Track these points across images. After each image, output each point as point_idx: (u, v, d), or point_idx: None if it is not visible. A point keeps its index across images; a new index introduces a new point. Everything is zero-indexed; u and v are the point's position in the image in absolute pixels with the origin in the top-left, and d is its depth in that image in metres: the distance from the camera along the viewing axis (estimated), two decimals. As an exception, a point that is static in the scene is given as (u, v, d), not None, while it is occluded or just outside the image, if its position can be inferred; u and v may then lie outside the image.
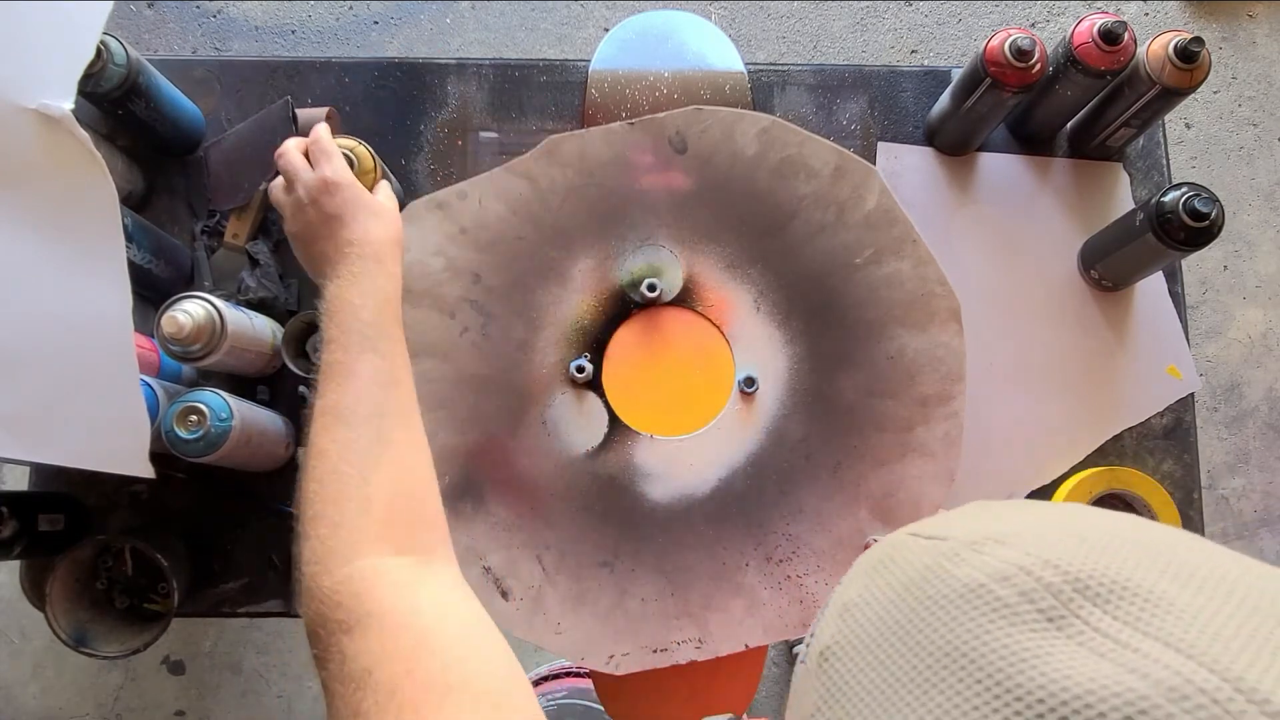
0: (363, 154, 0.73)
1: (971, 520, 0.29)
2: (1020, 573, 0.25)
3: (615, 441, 0.79)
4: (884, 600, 0.28)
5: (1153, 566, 0.25)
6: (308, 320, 0.82)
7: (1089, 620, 0.24)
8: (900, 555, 0.29)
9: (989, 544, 0.27)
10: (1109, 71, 0.77)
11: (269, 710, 1.54)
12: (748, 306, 0.82)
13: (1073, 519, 0.28)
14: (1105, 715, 0.21)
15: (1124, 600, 0.24)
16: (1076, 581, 0.24)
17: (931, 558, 0.28)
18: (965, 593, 0.26)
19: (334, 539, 0.47)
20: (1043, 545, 0.26)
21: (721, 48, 0.90)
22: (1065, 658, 0.23)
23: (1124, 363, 0.86)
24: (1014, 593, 0.25)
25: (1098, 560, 0.25)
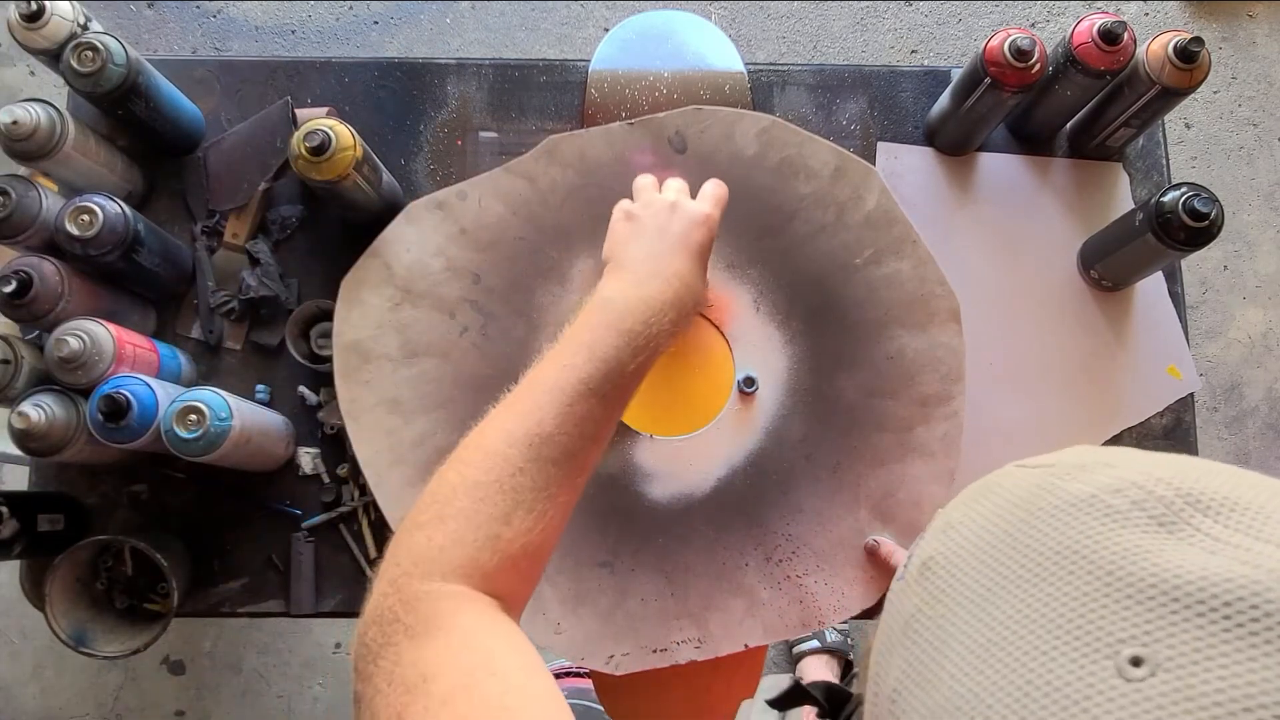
0: (341, 131, 0.73)
1: (1078, 452, 0.31)
2: (1132, 486, 0.26)
3: (615, 441, 0.79)
4: (990, 516, 0.29)
5: (1258, 489, 0.26)
6: (317, 308, 0.82)
7: (1199, 526, 0.25)
8: (1007, 480, 0.31)
9: (1099, 466, 0.28)
10: (1109, 71, 0.77)
11: (269, 710, 1.53)
12: (748, 307, 0.82)
13: (1178, 456, 0.29)
14: (1217, 597, 0.22)
15: (1234, 512, 0.25)
16: (1188, 495, 0.26)
17: (1040, 477, 0.29)
18: (1076, 502, 0.27)
19: (446, 553, 0.45)
20: (1153, 466, 0.27)
21: (721, 48, 0.90)
22: (1178, 554, 0.24)
23: (1124, 363, 0.86)
24: (1125, 501, 0.26)
25: (1208, 481, 0.26)
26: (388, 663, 0.40)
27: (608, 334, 0.51)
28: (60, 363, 0.69)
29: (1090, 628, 0.24)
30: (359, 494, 0.82)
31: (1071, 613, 0.24)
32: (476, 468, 0.47)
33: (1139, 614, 0.23)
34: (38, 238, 0.74)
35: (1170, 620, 0.23)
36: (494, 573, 0.45)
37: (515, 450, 0.47)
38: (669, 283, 0.55)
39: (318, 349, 0.83)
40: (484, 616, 0.43)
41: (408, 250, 0.80)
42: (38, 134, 0.72)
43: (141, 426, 0.69)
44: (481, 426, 0.49)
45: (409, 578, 0.44)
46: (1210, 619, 0.22)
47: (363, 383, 0.78)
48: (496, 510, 0.46)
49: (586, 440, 0.49)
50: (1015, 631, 0.25)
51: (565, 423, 0.48)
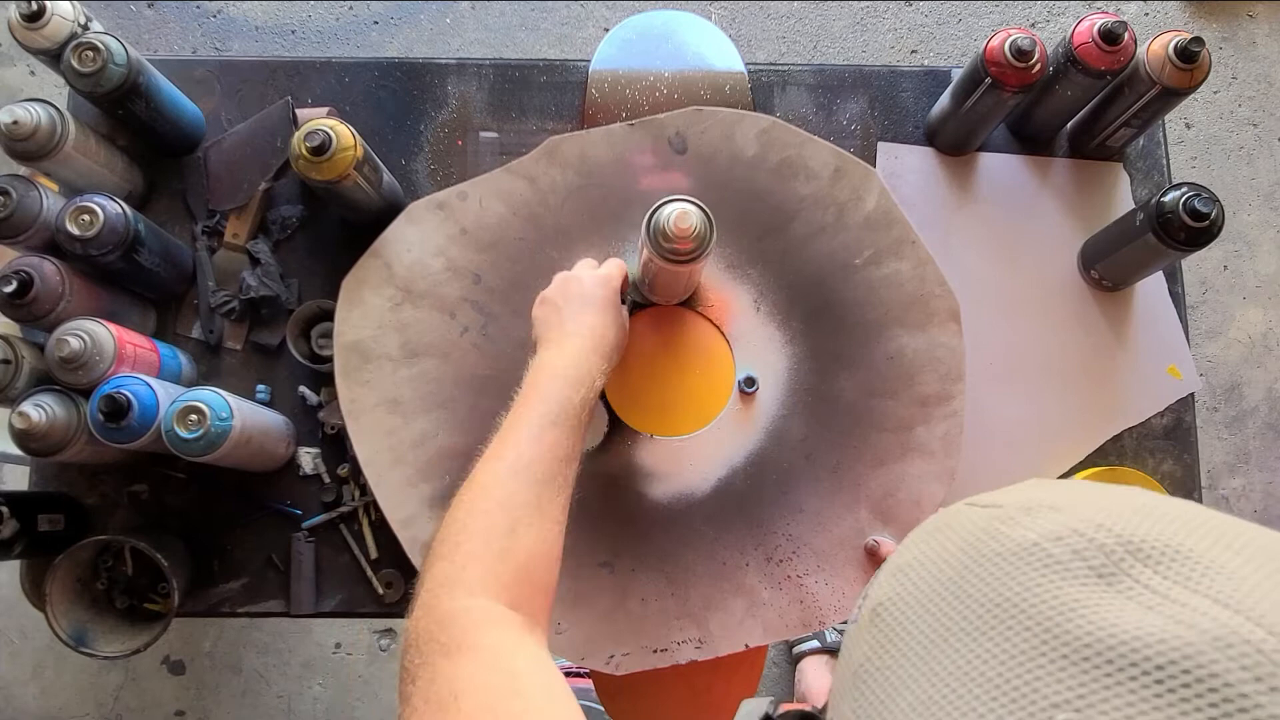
0: (342, 131, 0.73)
1: (1027, 491, 0.30)
2: (1073, 533, 0.26)
3: (616, 441, 0.79)
4: (938, 560, 0.29)
5: (1202, 534, 0.25)
6: (318, 308, 0.82)
7: (1138, 578, 0.24)
8: (956, 521, 0.30)
9: (1043, 510, 0.28)
10: (1109, 71, 0.77)
11: (269, 710, 1.53)
12: (748, 307, 0.82)
13: (1126, 493, 0.29)
14: (1150, 659, 0.22)
15: (1174, 562, 0.25)
16: (1128, 543, 0.25)
17: (986, 521, 0.29)
18: (1019, 550, 0.27)
19: (467, 571, 0.50)
20: (1096, 511, 0.27)
21: (721, 48, 0.90)
22: (1115, 609, 0.24)
23: (1124, 363, 0.86)
24: (1066, 550, 0.26)
25: (1150, 526, 0.26)
26: (424, 681, 0.43)
27: (550, 381, 0.61)
28: (61, 363, 0.69)
29: (1027, 690, 0.23)
30: (359, 494, 0.82)
31: (1010, 672, 0.24)
32: (477, 499, 0.54)
33: (1074, 676, 0.23)
34: (38, 238, 0.74)
35: (1103, 684, 0.22)
36: (511, 583, 0.50)
37: (505, 478, 0.55)
38: (583, 335, 0.65)
39: (318, 349, 0.83)
40: (510, 635, 0.47)
41: (408, 250, 0.80)
42: (38, 134, 0.72)
43: (142, 426, 0.69)
44: (473, 472, 0.56)
45: (438, 599, 0.48)
46: (1142, 683, 0.22)
47: (363, 383, 0.78)
48: (501, 527, 0.52)
49: (560, 461, 0.58)
50: (955, 690, 0.25)
51: (539, 450, 0.57)
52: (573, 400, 0.60)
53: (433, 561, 0.51)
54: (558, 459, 0.57)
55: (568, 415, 0.59)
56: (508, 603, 0.49)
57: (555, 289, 0.70)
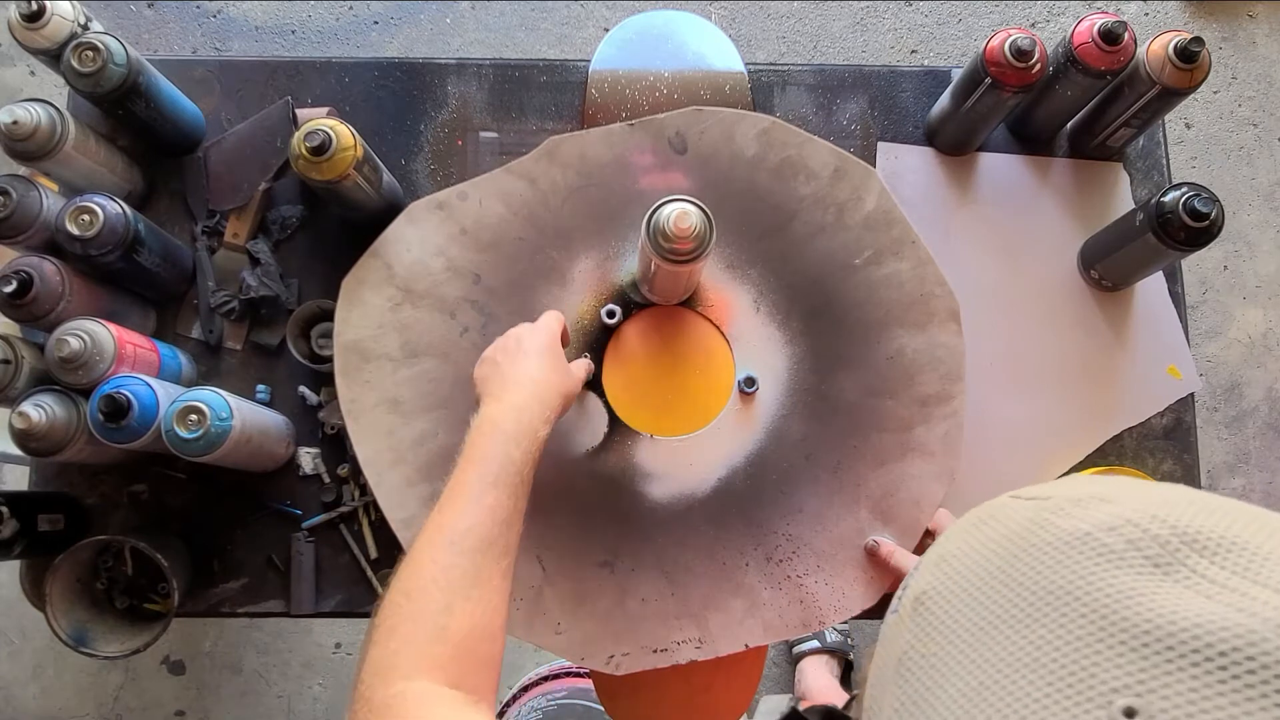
0: (342, 131, 0.73)
1: (1074, 484, 0.30)
2: (1127, 524, 0.26)
3: (615, 441, 0.79)
4: (984, 550, 0.29)
5: (1256, 526, 0.25)
6: (318, 308, 0.82)
7: (1195, 568, 0.24)
8: (1001, 512, 0.30)
9: (1094, 501, 0.28)
10: (1109, 71, 0.77)
11: (269, 710, 1.53)
12: (748, 307, 0.82)
13: (1175, 487, 0.29)
14: (1212, 645, 0.22)
15: (1230, 553, 0.24)
16: (1184, 534, 0.25)
17: (1035, 512, 0.29)
18: (1071, 539, 0.26)
19: (400, 655, 0.48)
20: (1148, 503, 0.27)
21: (721, 48, 0.90)
22: (1172, 598, 0.23)
23: (1124, 363, 0.86)
24: (1121, 540, 0.26)
25: (1204, 519, 0.26)
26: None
27: (490, 439, 0.59)
28: (61, 363, 0.69)
29: (1084, 675, 0.23)
30: (359, 494, 0.82)
31: (1065, 658, 0.24)
32: (411, 578, 0.52)
33: (1133, 662, 0.23)
34: (38, 238, 0.74)
35: (1165, 670, 0.22)
36: (449, 661, 0.49)
37: (441, 551, 0.53)
38: (523, 386, 0.63)
39: (318, 349, 0.83)
40: (451, 713, 0.46)
41: (408, 250, 0.80)
42: (38, 134, 0.72)
43: (142, 426, 0.69)
44: (411, 546, 0.55)
45: (373, 689, 0.47)
46: (1205, 669, 0.22)
47: (363, 382, 0.78)
48: (436, 605, 0.51)
49: (500, 525, 0.56)
50: (1008, 675, 0.25)
51: (477, 516, 0.55)
52: (513, 457, 0.58)
53: (368, 648, 0.50)
54: (498, 522, 0.55)
55: (508, 474, 0.57)
56: (447, 682, 0.48)
57: (493, 348, 0.69)
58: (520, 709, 0.92)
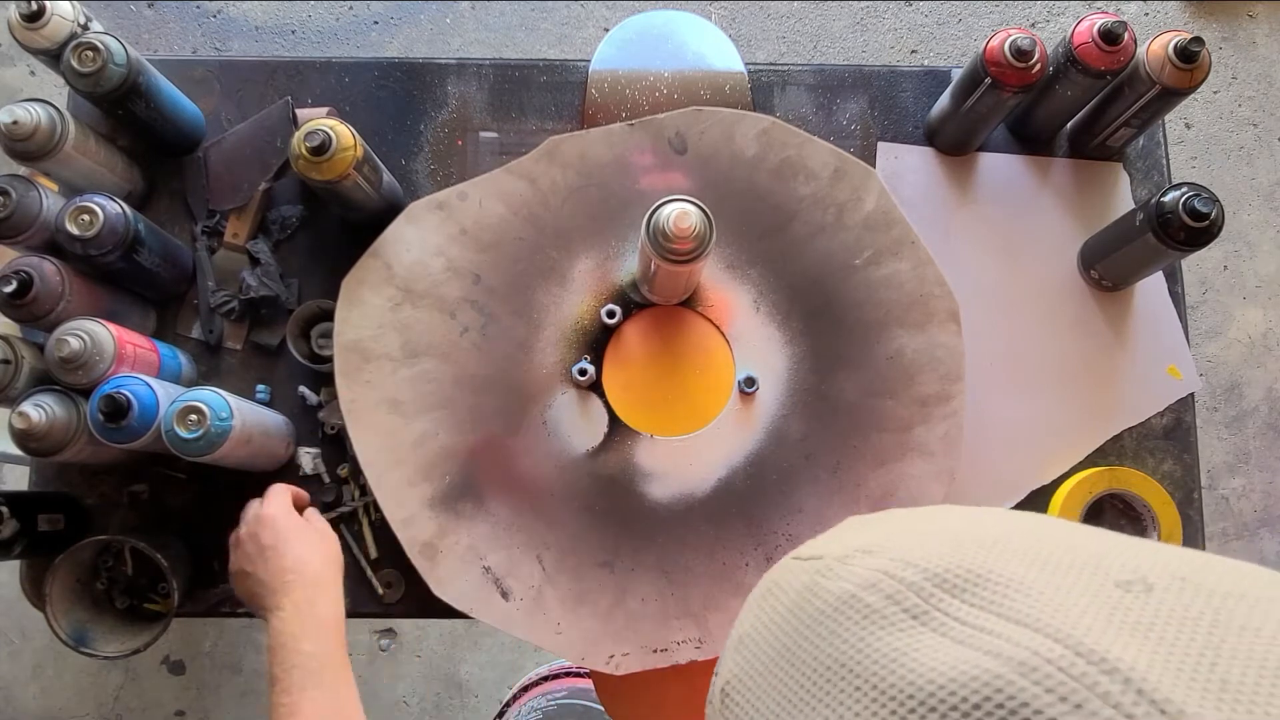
0: (342, 131, 0.73)
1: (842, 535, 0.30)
2: (885, 577, 0.26)
3: (615, 441, 0.79)
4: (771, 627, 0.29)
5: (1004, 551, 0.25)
6: (318, 308, 0.82)
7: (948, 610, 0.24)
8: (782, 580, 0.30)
9: (857, 555, 0.27)
10: (1109, 71, 0.77)
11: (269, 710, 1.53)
12: (748, 307, 0.82)
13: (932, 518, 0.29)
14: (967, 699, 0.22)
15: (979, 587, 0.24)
16: (935, 576, 0.25)
17: (808, 576, 0.28)
18: (839, 605, 0.26)
19: None
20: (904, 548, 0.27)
21: (721, 48, 0.90)
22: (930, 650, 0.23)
23: (1124, 363, 0.86)
24: (880, 597, 0.25)
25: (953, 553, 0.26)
26: None
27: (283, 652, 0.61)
28: (61, 363, 0.69)
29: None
30: (359, 494, 0.82)
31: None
32: None
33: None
34: (38, 238, 0.74)
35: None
36: None
37: None
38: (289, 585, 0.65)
39: (318, 349, 0.83)
40: None
41: (408, 250, 0.80)
42: (38, 134, 0.72)
43: (142, 426, 0.69)
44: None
45: None
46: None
47: (363, 383, 0.78)
48: None
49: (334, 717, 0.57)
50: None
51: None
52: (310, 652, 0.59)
53: None
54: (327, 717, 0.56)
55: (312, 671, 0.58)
56: None
57: (238, 558, 0.70)
58: (520, 709, 0.92)
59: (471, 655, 1.55)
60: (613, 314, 0.80)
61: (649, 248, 0.69)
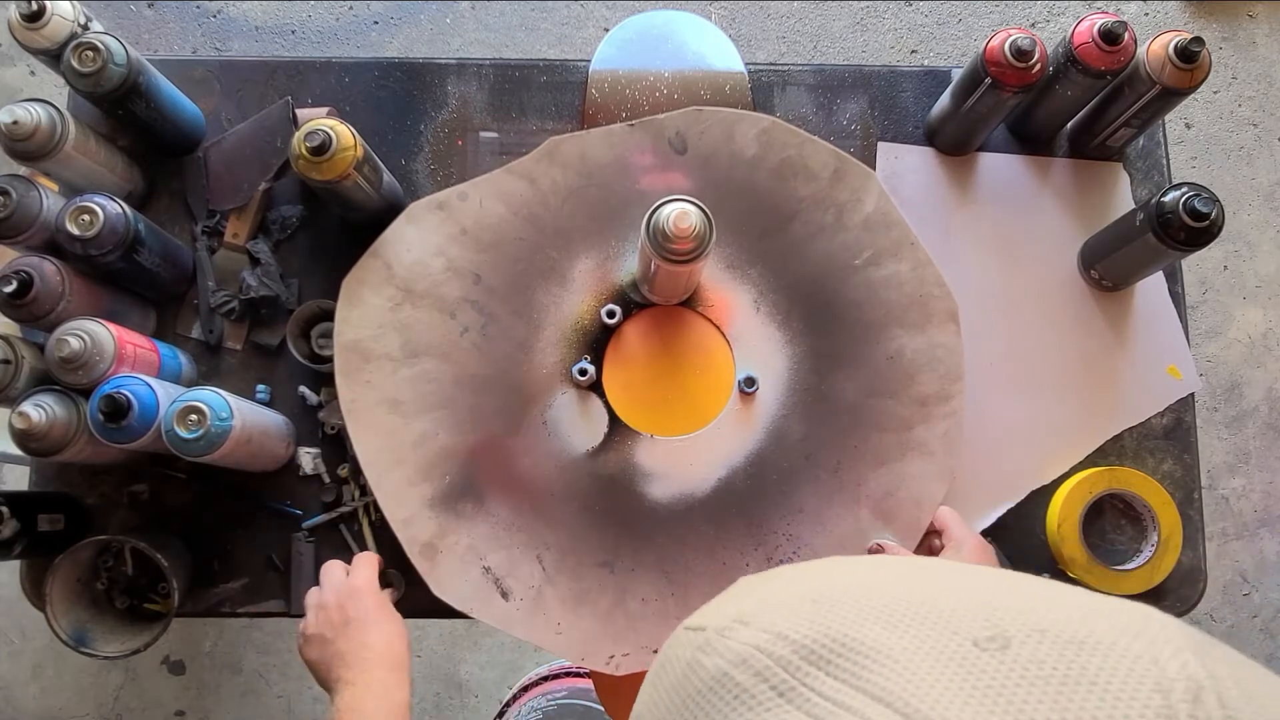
0: (342, 131, 0.73)
1: (725, 602, 0.30)
2: (756, 653, 0.25)
3: (615, 441, 0.79)
4: (659, 707, 0.28)
5: (867, 614, 0.25)
6: (319, 308, 0.82)
7: (814, 686, 0.24)
8: (672, 653, 0.30)
9: (734, 627, 0.27)
10: (1109, 71, 0.77)
11: (269, 710, 1.54)
12: (748, 307, 0.82)
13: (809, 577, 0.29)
14: None
15: (843, 658, 0.24)
16: (803, 649, 0.25)
17: (690, 651, 0.28)
18: (714, 685, 0.26)
19: None
20: (777, 617, 0.26)
21: (721, 48, 0.90)
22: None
23: (1124, 363, 0.86)
24: (749, 675, 0.25)
25: (823, 621, 0.25)
26: None
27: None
28: (61, 363, 0.69)
29: None
30: (359, 494, 0.82)
31: None
32: None
33: None
34: (38, 238, 0.74)
35: None
36: None
37: None
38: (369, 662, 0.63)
39: (318, 349, 0.83)
40: None
41: (408, 250, 0.80)
42: (38, 134, 0.72)
43: (142, 426, 0.69)
44: None
45: None
46: None
47: (363, 383, 0.78)
48: None
49: None
50: None
51: None
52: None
53: None
54: None
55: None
56: None
57: (318, 623, 0.68)
58: (520, 709, 0.92)
59: (471, 655, 1.55)
60: (613, 314, 0.80)
61: (649, 248, 0.69)
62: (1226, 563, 1.66)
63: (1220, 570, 1.65)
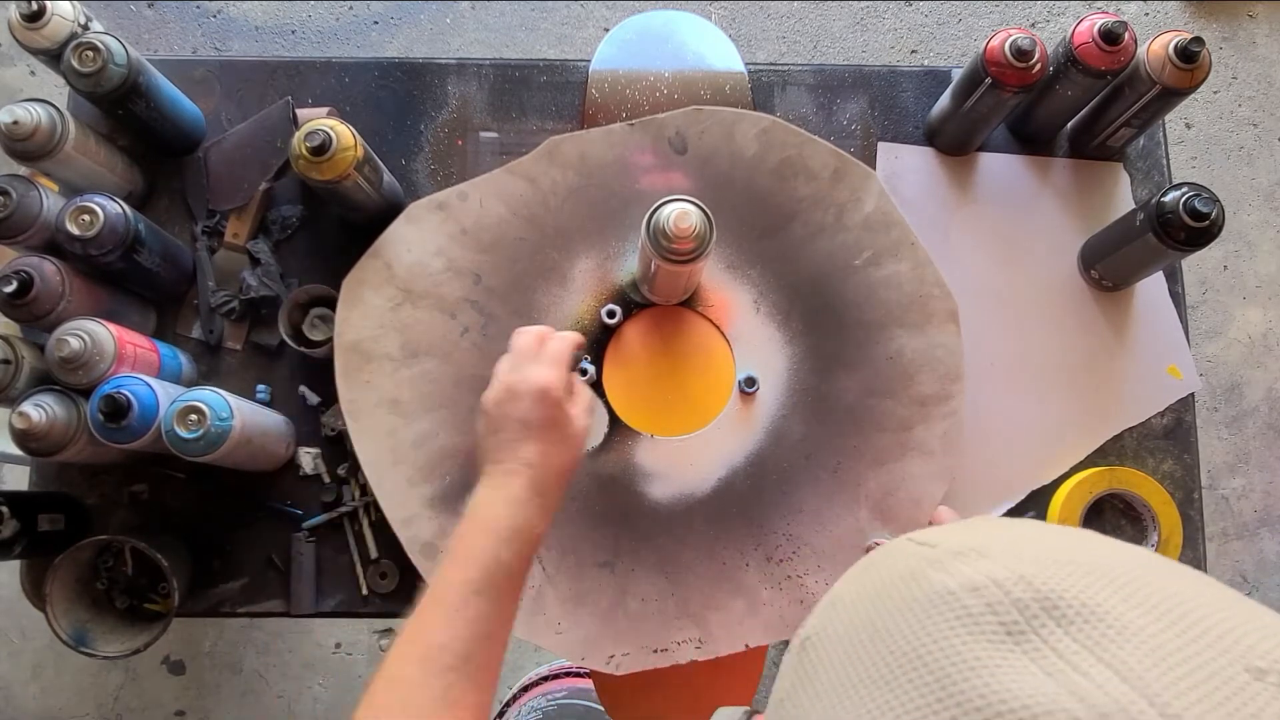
0: (342, 131, 0.73)
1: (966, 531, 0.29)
2: (991, 585, 0.25)
3: (616, 441, 0.79)
4: (865, 597, 0.29)
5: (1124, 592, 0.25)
6: (312, 295, 0.82)
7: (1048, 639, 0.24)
8: (890, 558, 0.30)
9: (972, 554, 0.27)
10: (1109, 71, 0.77)
11: (269, 710, 1.54)
12: (748, 307, 0.82)
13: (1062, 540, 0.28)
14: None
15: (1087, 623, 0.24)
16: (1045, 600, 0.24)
17: (915, 562, 0.28)
18: (935, 599, 0.26)
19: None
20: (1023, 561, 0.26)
21: (721, 48, 0.90)
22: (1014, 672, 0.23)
23: (1124, 363, 0.86)
24: (980, 603, 0.25)
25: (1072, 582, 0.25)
26: None
27: (479, 538, 0.54)
28: (61, 363, 0.69)
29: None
30: (360, 494, 0.82)
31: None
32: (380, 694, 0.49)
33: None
34: (38, 238, 0.74)
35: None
36: None
37: (412, 666, 0.49)
38: (519, 474, 0.57)
39: (308, 330, 0.82)
40: None
41: (408, 251, 0.80)
42: (38, 134, 0.72)
43: (142, 426, 0.69)
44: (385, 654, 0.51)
45: None
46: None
47: (363, 383, 0.78)
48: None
49: (481, 639, 0.51)
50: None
51: (455, 628, 0.51)
52: (503, 560, 0.53)
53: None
54: (478, 637, 0.51)
55: (495, 581, 0.53)
56: None
57: (495, 398, 0.61)
58: (520, 709, 0.92)
59: (471, 655, 1.55)
60: (613, 314, 0.80)
61: (649, 248, 0.69)
62: (1226, 563, 1.66)
63: (1220, 570, 1.65)
